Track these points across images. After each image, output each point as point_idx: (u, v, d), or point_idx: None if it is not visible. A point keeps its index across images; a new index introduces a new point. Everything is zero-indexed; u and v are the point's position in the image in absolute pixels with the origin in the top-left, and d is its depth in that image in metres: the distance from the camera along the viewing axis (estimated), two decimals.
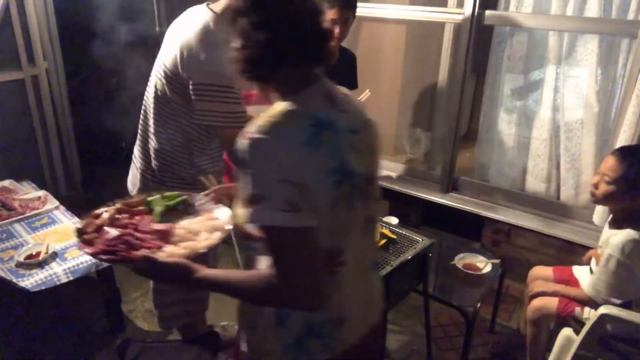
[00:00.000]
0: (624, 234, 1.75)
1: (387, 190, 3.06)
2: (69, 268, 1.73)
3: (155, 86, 1.56)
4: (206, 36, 1.44)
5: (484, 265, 2.18)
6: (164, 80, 1.52)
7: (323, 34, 0.96)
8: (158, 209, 1.32)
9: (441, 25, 3.07)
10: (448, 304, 2.00)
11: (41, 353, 2.01)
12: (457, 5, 2.77)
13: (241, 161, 0.88)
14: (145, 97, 1.64)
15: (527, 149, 2.82)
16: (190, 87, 1.45)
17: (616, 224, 1.85)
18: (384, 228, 1.92)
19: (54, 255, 1.78)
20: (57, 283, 1.69)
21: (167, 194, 1.36)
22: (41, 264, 1.73)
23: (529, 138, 2.81)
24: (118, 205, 1.31)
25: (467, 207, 2.75)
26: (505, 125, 2.89)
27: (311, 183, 0.88)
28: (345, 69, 2.44)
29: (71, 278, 1.72)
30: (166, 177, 1.64)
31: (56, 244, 1.85)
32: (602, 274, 1.79)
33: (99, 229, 1.19)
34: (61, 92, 3.30)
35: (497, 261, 2.22)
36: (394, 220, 2.23)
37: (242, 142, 0.88)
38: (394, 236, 1.89)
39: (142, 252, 1.06)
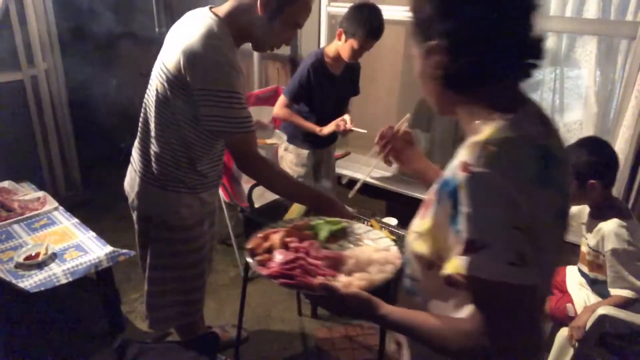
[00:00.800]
0: (613, 224, 1.74)
1: (386, 191, 3.07)
2: (68, 269, 1.73)
3: (157, 89, 1.54)
4: (210, 41, 1.42)
5: None
6: (165, 84, 1.50)
7: (541, 37, 0.78)
8: (323, 234, 1.28)
9: None
10: None
11: (41, 353, 2.01)
12: None
13: (453, 195, 0.76)
14: (145, 100, 1.63)
15: None
16: (194, 92, 1.44)
17: (599, 213, 1.84)
18: (382, 229, 1.92)
19: (53, 256, 1.78)
20: (57, 284, 1.69)
21: (329, 219, 1.34)
22: (40, 265, 1.73)
23: None
24: (286, 227, 1.28)
25: None
26: None
27: (540, 229, 0.73)
28: (350, 78, 2.56)
29: (70, 279, 1.72)
30: (167, 181, 1.62)
31: (55, 245, 1.85)
32: (620, 271, 1.75)
33: (269, 250, 1.18)
34: (60, 93, 3.30)
35: None
36: (393, 221, 2.23)
37: (458, 175, 0.74)
38: (393, 237, 1.89)
39: (319, 279, 1.01)
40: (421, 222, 0.89)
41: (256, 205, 1.98)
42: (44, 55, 3.14)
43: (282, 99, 2.47)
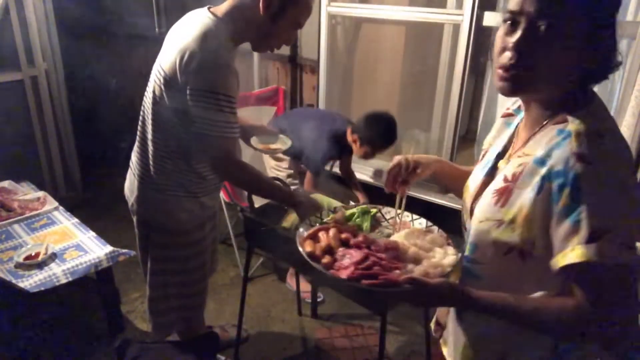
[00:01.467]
0: None
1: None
2: (68, 269, 1.73)
3: (154, 91, 1.52)
4: (207, 41, 1.41)
5: None
6: (162, 87, 1.48)
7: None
8: (366, 224, 1.29)
9: (440, 26, 3.07)
10: None
11: (41, 353, 2.01)
12: (457, 6, 2.77)
13: (570, 186, 0.79)
14: (143, 102, 1.61)
15: None
16: (187, 92, 1.41)
17: None
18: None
19: (53, 256, 1.78)
20: (57, 284, 1.69)
21: (360, 207, 1.34)
22: (40, 265, 1.73)
23: None
24: (330, 224, 1.25)
25: None
26: None
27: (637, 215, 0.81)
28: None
29: (70, 279, 1.72)
30: (166, 185, 1.60)
31: (55, 245, 1.84)
32: None
33: (328, 251, 1.13)
34: (60, 93, 3.30)
35: None
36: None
37: (575, 166, 0.78)
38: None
39: (396, 274, 1.01)
40: (501, 209, 0.90)
41: (256, 205, 1.98)
42: (44, 55, 3.14)
43: (310, 178, 2.49)
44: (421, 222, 1.31)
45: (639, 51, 2.15)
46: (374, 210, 1.34)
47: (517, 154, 0.94)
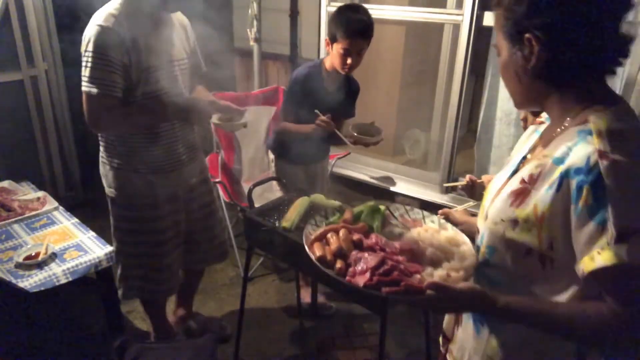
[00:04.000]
0: None
1: (386, 191, 3.07)
2: (68, 269, 1.73)
3: None
4: (101, 12, 1.63)
5: None
6: None
7: (632, 36, 0.82)
8: (377, 224, 1.19)
9: (440, 26, 3.08)
10: None
11: (40, 353, 2.00)
12: (457, 6, 2.78)
13: (593, 184, 0.76)
14: None
15: None
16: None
17: None
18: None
19: (53, 256, 1.78)
20: (56, 284, 1.69)
21: (367, 204, 1.28)
22: (40, 265, 1.73)
23: None
24: (339, 224, 1.17)
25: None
26: (504, 126, 2.89)
27: None
28: (347, 98, 2.30)
29: (70, 279, 1.72)
30: (137, 162, 1.81)
31: (55, 245, 1.84)
32: None
33: (340, 254, 1.04)
34: (60, 93, 3.30)
35: None
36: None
37: (601, 163, 0.75)
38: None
39: (416, 278, 0.95)
40: (516, 210, 0.88)
41: (256, 205, 1.98)
42: (44, 55, 3.14)
43: (280, 119, 2.37)
44: (433, 220, 1.23)
45: (638, 51, 2.15)
46: (382, 208, 1.27)
47: (537, 157, 0.91)
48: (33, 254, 1.77)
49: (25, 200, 2.15)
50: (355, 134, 2.16)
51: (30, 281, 1.66)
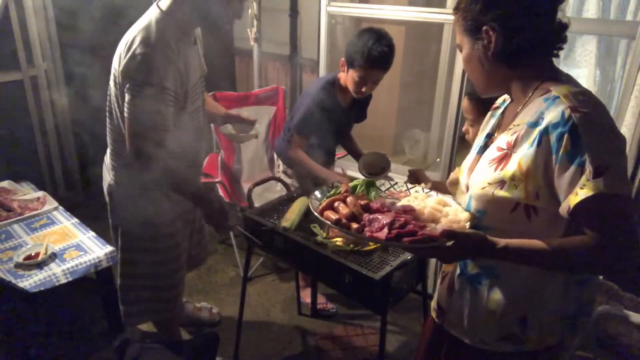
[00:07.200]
0: None
1: None
2: (68, 269, 1.73)
3: (109, 90, 1.60)
4: (147, 33, 1.45)
5: None
6: (111, 84, 1.55)
7: (566, 24, 1.03)
8: (373, 194, 1.34)
9: (440, 26, 3.07)
10: None
11: (40, 353, 2.00)
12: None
13: (570, 133, 0.90)
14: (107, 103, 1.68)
15: None
16: (125, 81, 1.46)
17: None
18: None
19: (53, 256, 1.78)
20: (56, 284, 1.68)
21: (361, 179, 1.41)
22: (40, 265, 1.73)
23: None
24: (343, 194, 1.28)
25: None
26: None
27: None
28: (361, 106, 2.37)
29: (70, 279, 1.72)
30: (123, 174, 1.70)
31: (55, 245, 1.84)
32: None
33: (352, 218, 1.14)
34: (60, 93, 3.30)
35: None
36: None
37: (573, 116, 0.90)
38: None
39: (429, 229, 1.04)
40: (501, 172, 1.01)
41: (256, 205, 1.98)
42: (44, 55, 3.14)
43: (295, 139, 2.17)
44: (417, 190, 1.35)
45: (638, 51, 2.15)
46: (377, 182, 1.40)
47: (507, 128, 1.05)
48: (33, 254, 1.77)
49: (25, 200, 2.15)
50: (366, 174, 2.11)
51: (30, 281, 1.66)
